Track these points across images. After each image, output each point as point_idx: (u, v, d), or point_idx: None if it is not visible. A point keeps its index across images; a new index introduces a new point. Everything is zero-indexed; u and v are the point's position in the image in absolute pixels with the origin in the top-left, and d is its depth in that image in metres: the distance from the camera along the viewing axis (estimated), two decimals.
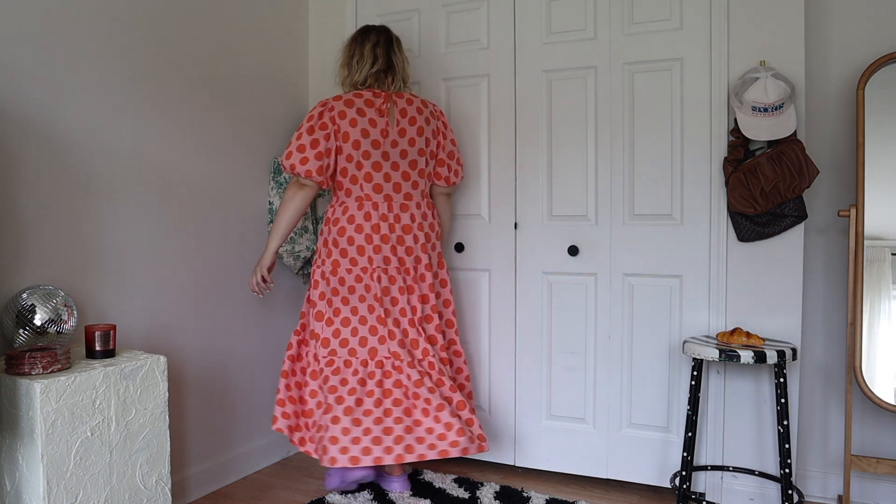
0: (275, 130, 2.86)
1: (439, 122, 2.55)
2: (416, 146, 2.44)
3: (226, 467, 2.62)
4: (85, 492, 1.68)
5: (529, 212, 2.69)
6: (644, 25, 2.49)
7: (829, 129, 2.44)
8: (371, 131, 2.38)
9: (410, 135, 2.43)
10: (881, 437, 2.40)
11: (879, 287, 2.27)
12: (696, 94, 2.42)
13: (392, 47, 2.47)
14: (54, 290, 1.86)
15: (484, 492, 2.51)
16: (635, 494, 2.56)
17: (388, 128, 2.40)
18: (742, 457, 2.40)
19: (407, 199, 2.44)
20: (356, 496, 2.47)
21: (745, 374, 2.39)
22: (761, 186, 2.24)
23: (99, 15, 2.11)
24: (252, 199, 2.75)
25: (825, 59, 2.43)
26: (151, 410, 1.85)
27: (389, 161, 2.41)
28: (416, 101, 2.48)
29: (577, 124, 2.60)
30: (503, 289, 2.75)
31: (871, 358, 2.25)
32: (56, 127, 1.99)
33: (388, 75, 2.44)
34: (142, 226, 2.27)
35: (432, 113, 2.52)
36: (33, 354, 1.64)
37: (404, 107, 2.44)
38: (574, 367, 2.64)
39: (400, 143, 2.42)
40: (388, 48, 2.46)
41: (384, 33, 2.48)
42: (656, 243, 2.50)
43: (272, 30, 2.85)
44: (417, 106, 2.47)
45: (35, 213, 1.94)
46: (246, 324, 2.72)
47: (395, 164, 2.41)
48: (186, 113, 2.43)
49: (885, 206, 2.25)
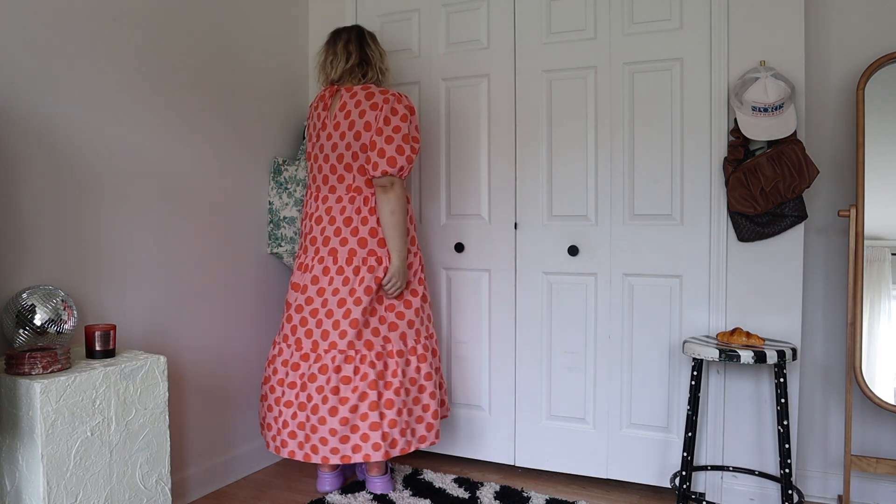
0: (275, 130, 2.86)
1: (379, 113, 2.37)
2: (345, 139, 2.42)
3: (226, 467, 2.62)
4: (85, 492, 1.68)
5: (529, 212, 2.69)
6: (644, 25, 2.49)
7: (829, 129, 2.44)
8: (316, 125, 2.50)
9: (342, 128, 2.43)
10: (881, 437, 2.40)
11: (879, 287, 2.27)
12: (696, 95, 2.42)
13: (365, 41, 2.50)
14: (54, 290, 1.86)
15: (484, 492, 2.51)
16: (635, 494, 2.56)
17: (326, 121, 2.46)
18: (742, 457, 2.40)
19: (331, 191, 2.46)
20: (356, 496, 2.47)
21: (745, 374, 2.39)
22: (761, 186, 2.24)
23: (99, 15, 2.11)
24: (252, 199, 2.75)
25: (825, 59, 2.43)
26: (151, 410, 1.85)
27: (323, 153, 2.47)
28: (360, 94, 2.41)
29: (577, 124, 2.60)
30: (503, 289, 2.75)
31: (871, 358, 2.25)
32: (56, 127, 1.99)
33: (363, 69, 2.48)
34: (142, 226, 2.27)
35: (375, 104, 2.37)
36: (33, 354, 1.64)
37: (346, 100, 2.44)
38: (574, 367, 2.64)
39: (333, 136, 2.44)
40: (360, 42, 2.49)
41: (354, 30, 2.52)
42: (656, 243, 2.50)
43: (272, 30, 2.85)
44: (358, 99, 2.41)
45: (35, 214, 1.94)
46: (246, 324, 2.72)
47: (326, 157, 2.46)
48: (186, 113, 2.43)
49: (885, 206, 2.25)
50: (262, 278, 2.80)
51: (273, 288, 2.85)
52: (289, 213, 2.77)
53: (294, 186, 2.78)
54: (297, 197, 2.78)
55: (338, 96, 2.47)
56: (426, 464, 2.87)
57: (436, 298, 2.89)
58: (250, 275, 2.73)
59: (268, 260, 2.83)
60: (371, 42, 2.51)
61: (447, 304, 2.88)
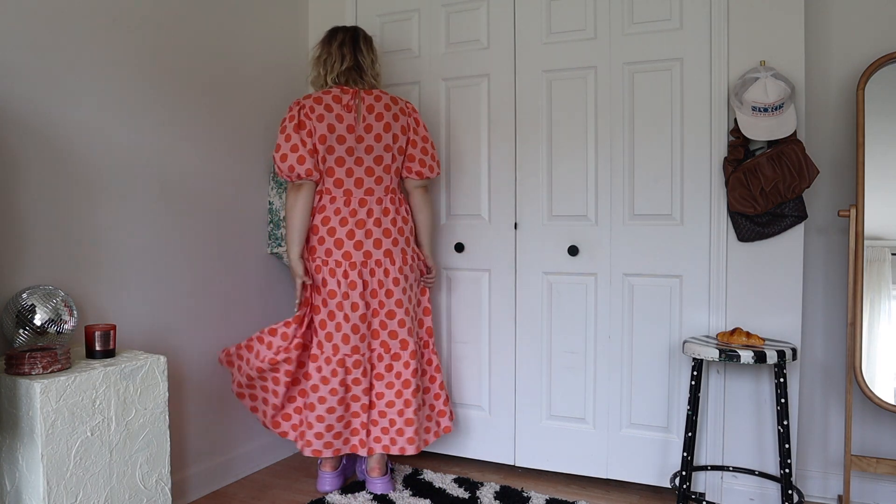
0: (275, 130, 2.86)
1: (410, 119, 2.52)
2: (382, 142, 2.44)
3: (226, 467, 2.62)
4: (85, 492, 1.68)
5: (529, 212, 2.69)
6: (644, 25, 2.49)
7: (829, 129, 2.44)
8: (337, 127, 2.41)
9: (377, 130, 2.43)
10: (881, 437, 2.40)
11: (879, 287, 2.27)
12: (696, 94, 2.42)
13: (358, 45, 2.49)
14: (54, 290, 1.86)
15: (484, 492, 2.51)
16: (635, 494, 2.56)
17: (354, 123, 2.42)
18: (742, 457, 2.40)
19: (368, 194, 2.45)
20: (356, 496, 2.47)
21: (745, 374, 2.39)
22: (761, 186, 2.24)
23: (99, 16, 2.11)
24: (252, 199, 2.75)
25: (825, 59, 2.43)
26: (151, 410, 1.85)
27: (353, 157, 2.43)
28: (384, 97, 2.48)
29: (577, 124, 2.60)
30: (503, 289, 2.75)
31: (871, 358, 2.25)
32: (56, 127, 1.99)
33: (356, 73, 2.47)
34: (142, 226, 2.27)
35: (402, 109, 2.51)
36: (33, 354, 1.64)
37: (371, 103, 2.44)
38: (574, 367, 2.64)
39: (366, 138, 2.43)
40: (353, 47, 2.48)
41: (350, 32, 2.51)
42: (656, 243, 2.50)
43: (272, 30, 2.85)
44: (385, 102, 2.47)
45: (35, 213, 1.94)
46: (246, 324, 2.72)
47: (360, 160, 2.44)
48: (186, 113, 2.43)
49: (885, 206, 2.25)
50: (262, 278, 2.80)
51: (273, 288, 2.85)
52: None
53: None
54: None
55: (358, 98, 2.45)
56: (426, 464, 2.87)
57: (436, 298, 2.89)
58: (250, 275, 2.73)
59: (268, 260, 2.83)
60: (364, 48, 2.50)
61: (447, 304, 2.88)
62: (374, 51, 2.54)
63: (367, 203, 2.44)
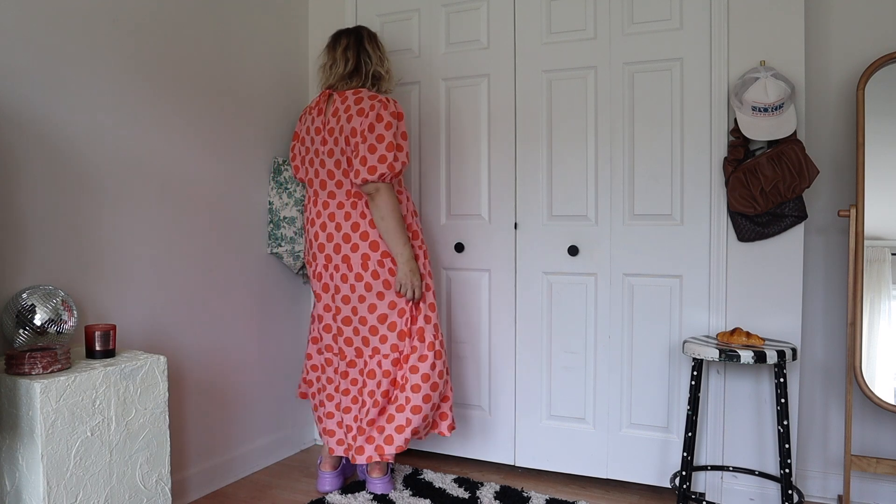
0: (275, 130, 2.86)
1: (363, 119, 2.33)
2: (338, 145, 2.41)
3: (226, 467, 2.62)
4: (85, 492, 1.68)
5: (529, 212, 2.69)
6: (644, 25, 2.49)
7: (829, 129, 2.44)
8: (310, 129, 2.49)
9: (335, 134, 2.42)
10: (881, 437, 2.40)
11: (879, 287, 2.27)
12: (696, 94, 2.42)
13: (362, 47, 2.47)
14: (54, 290, 1.86)
15: (484, 492, 2.51)
16: (635, 494, 2.56)
17: (321, 126, 2.45)
18: (742, 457, 2.40)
19: (330, 196, 2.45)
20: (356, 496, 2.47)
21: (744, 374, 2.39)
22: (761, 186, 2.24)
23: (99, 16, 2.11)
24: (252, 199, 2.75)
25: (825, 59, 2.43)
26: (151, 410, 1.85)
27: (319, 159, 2.46)
28: (350, 98, 2.40)
29: (577, 124, 2.60)
30: (503, 289, 2.75)
31: (871, 358, 2.25)
32: (56, 127, 1.99)
33: (358, 74, 2.46)
34: (142, 226, 2.27)
35: (360, 110, 2.35)
36: (33, 354, 1.64)
37: (337, 106, 2.43)
38: (574, 367, 2.64)
39: (328, 141, 2.43)
40: (357, 49, 2.47)
41: (353, 34, 2.50)
42: (656, 243, 2.50)
43: (272, 30, 2.85)
44: (347, 104, 2.39)
45: (35, 214, 1.94)
46: (246, 324, 2.72)
47: (322, 162, 2.45)
48: (187, 113, 2.43)
49: (885, 206, 2.25)
50: (262, 278, 2.80)
51: (273, 288, 2.86)
52: (289, 213, 2.77)
53: (294, 186, 2.78)
54: (297, 197, 2.78)
55: (331, 101, 2.46)
56: (426, 464, 2.87)
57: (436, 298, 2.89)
58: (250, 275, 2.73)
59: (268, 260, 2.83)
60: (369, 46, 2.48)
61: (447, 305, 2.88)
62: (380, 48, 2.51)
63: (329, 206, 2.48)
